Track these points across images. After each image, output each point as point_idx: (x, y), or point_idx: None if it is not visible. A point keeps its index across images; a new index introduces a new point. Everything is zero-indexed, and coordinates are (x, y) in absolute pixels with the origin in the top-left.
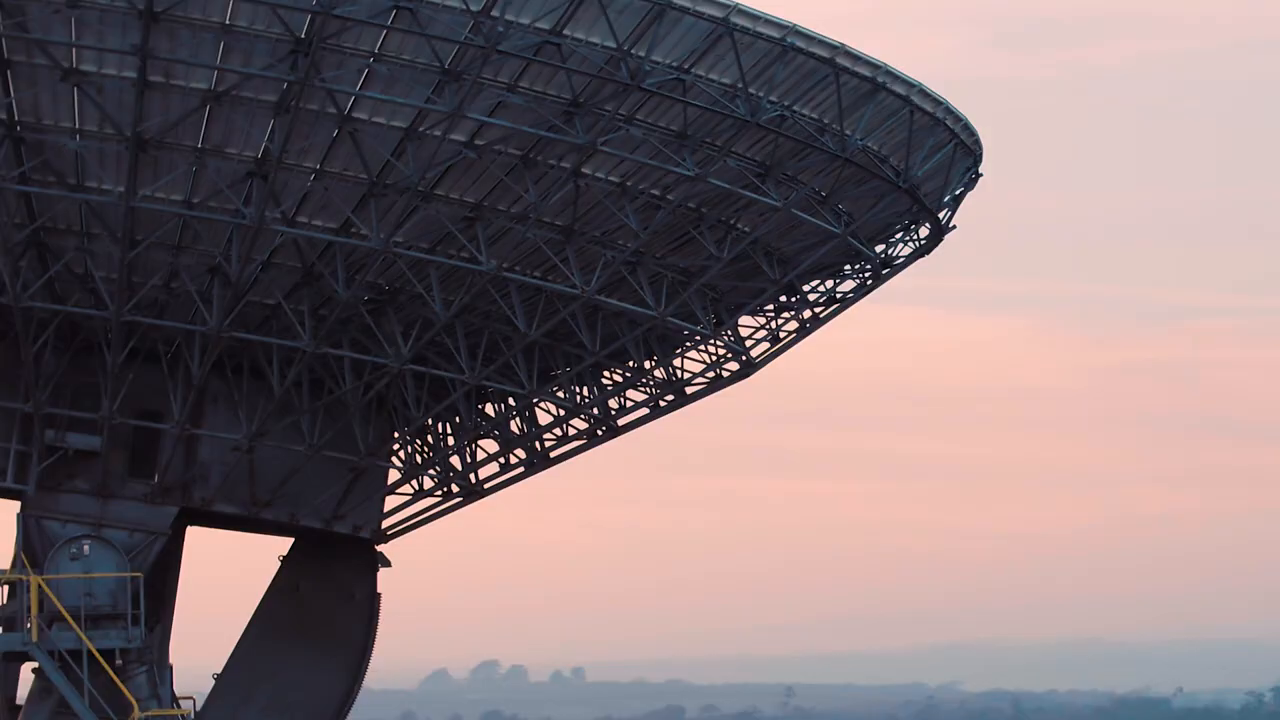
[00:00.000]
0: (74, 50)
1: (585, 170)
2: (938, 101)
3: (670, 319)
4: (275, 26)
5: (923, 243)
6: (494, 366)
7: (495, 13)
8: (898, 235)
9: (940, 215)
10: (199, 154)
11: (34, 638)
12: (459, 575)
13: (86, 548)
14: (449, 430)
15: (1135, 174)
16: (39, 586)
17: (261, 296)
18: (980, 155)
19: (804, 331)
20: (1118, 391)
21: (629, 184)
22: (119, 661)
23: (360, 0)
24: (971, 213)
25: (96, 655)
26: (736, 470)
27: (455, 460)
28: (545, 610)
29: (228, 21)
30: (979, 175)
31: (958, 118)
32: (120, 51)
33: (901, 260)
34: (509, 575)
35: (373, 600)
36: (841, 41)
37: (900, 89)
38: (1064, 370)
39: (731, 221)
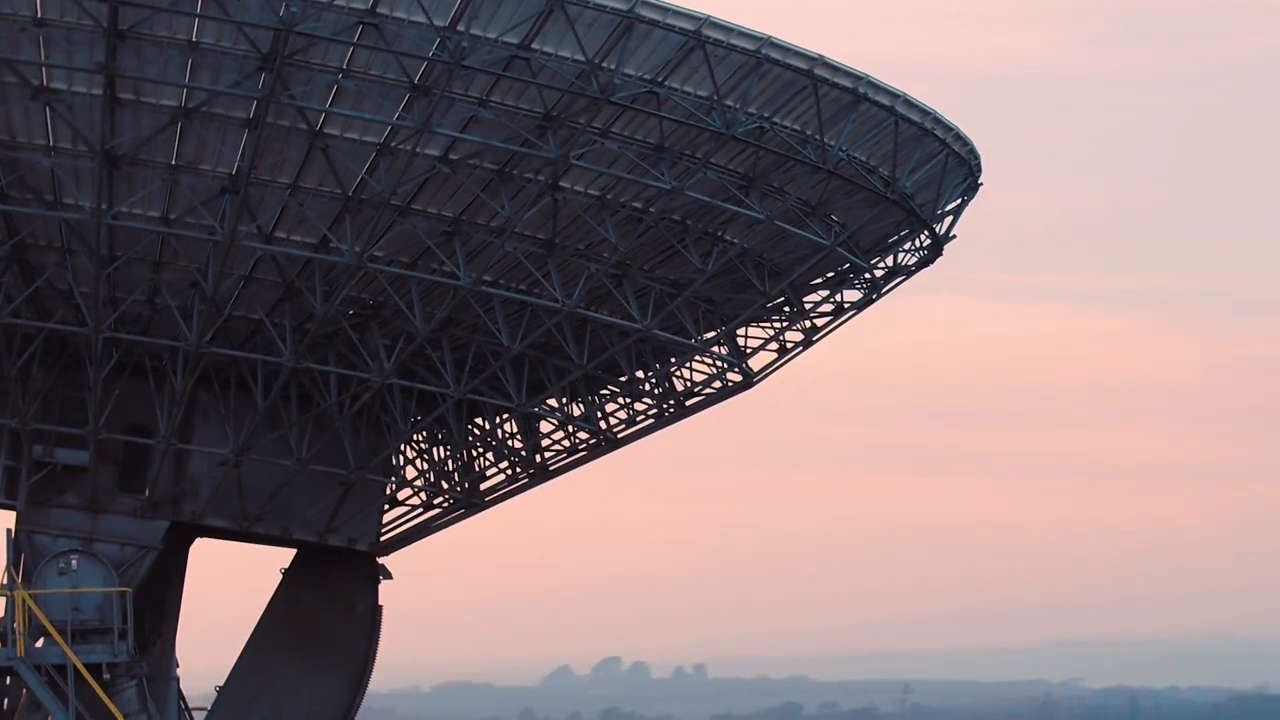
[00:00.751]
0: (43, 68)
1: (564, 184)
2: (925, 111)
3: (658, 331)
4: (242, 44)
5: (924, 253)
6: (479, 379)
7: (461, 27)
8: (899, 245)
9: (940, 225)
10: (172, 170)
11: (19, 652)
12: (584, 572)
13: (74, 562)
14: (441, 442)
15: (1248, 168)
16: (24, 601)
17: (245, 311)
18: (976, 164)
19: (808, 342)
20: (1241, 386)
21: (608, 197)
22: (106, 676)
23: (324, 16)
24: (1091, 209)
25: (82, 670)
26: (862, 466)
27: (453, 472)
28: (669, 606)
29: (194, 39)
30: (979, 184)
31: (948, 127)
32: (87, 70)
33: (904, 273)
34: (635, 572)
35: (374, 613)
36: (820, 53)
37: (884, 99)
38: (1187, 365)
39: (719, 233)
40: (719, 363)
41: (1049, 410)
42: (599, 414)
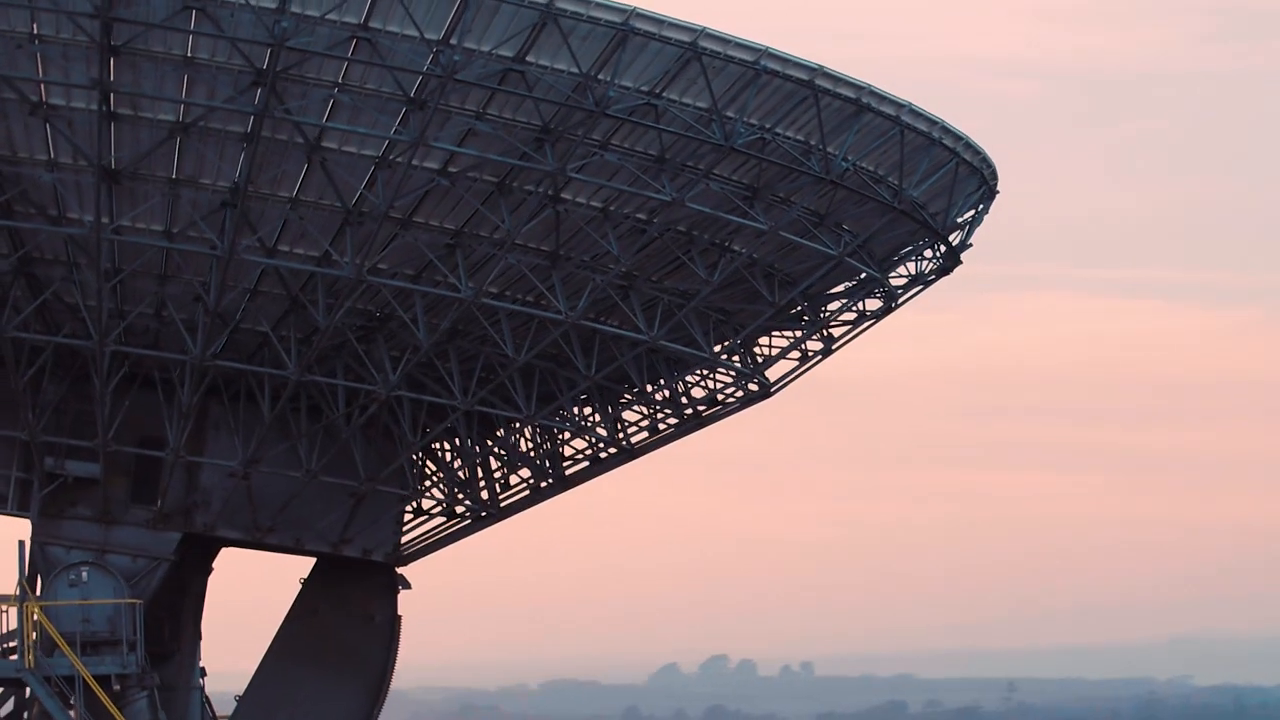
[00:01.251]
0: (42, 85)
1: (565, 196)
2: (932, 121)
3: (666, 343)
4: (237, 59)
5: (941, 262)
6: (486, 390)
7: (454, 41)
8: (915, 254)
9: (958, 234)
10: (173, 184)
11: (29, 664)
12: (693, 570)
13: (84, 574)
14: (457, 453)
15: None
16: (35, 613)
17: (253, 324)
18: (990, 172)
19: (827, 351)
20: None
21: (611, 209)
22: (116, 687)
23: (317, 31)
24: (1208, 207)
25: (90, 681)
26: (968, 464)
27: (470, 482)
28: (777, 604)
29: (189, 54)
30: (995, 192)
31: (956, 136)
32: (82, 86)
33: (921, 282)
34: (744, 569)
35: (393, 623)
36: (820, 63)
37: (888, 109)
38: None
39: (725, 244)
40: (732, 373)
41: (1156, 406)
42: (617, 424)
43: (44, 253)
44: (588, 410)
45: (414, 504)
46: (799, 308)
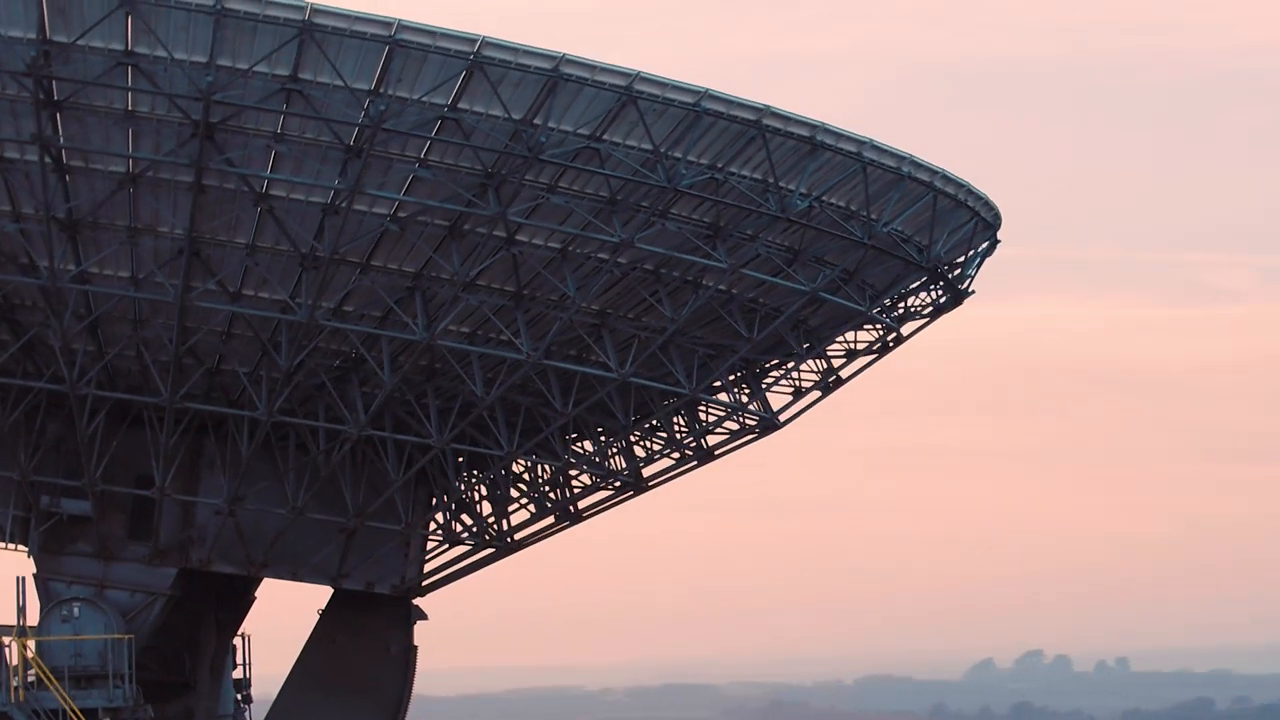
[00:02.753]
0: None
1: (521, 238)
2: (960, 185)
3: (639, 380)
4: (175, 112)
5: (942, 302)
6: (463, 424)
7: (383, 90)
8: (920, 289)
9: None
10: (132, 233)
11: (17, 698)
12: (1012, 565)
13: (76, 610)
14: (467, 487)
15: None
16: (24, 648)
17: (233, 365)
18: (984, 207)
19: (827, 388)
20: None
21: (570, 249)
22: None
23: (250, 84)
24: None
25: (77, 715)
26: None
27: (474, 515)
28: (1094, 599)
29: (130, 109)
30: (994, 226)
31: (979, 197)
32: (25, 141)
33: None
34: (1062, 565)
35: (408, 654)
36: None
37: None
38: None
39: (696, 280)
40: (726, 409)
41: None
42: (607, 457)
43: (23, 299)
44: (589, 445)
45: (416, 537)
46: (807, 344)
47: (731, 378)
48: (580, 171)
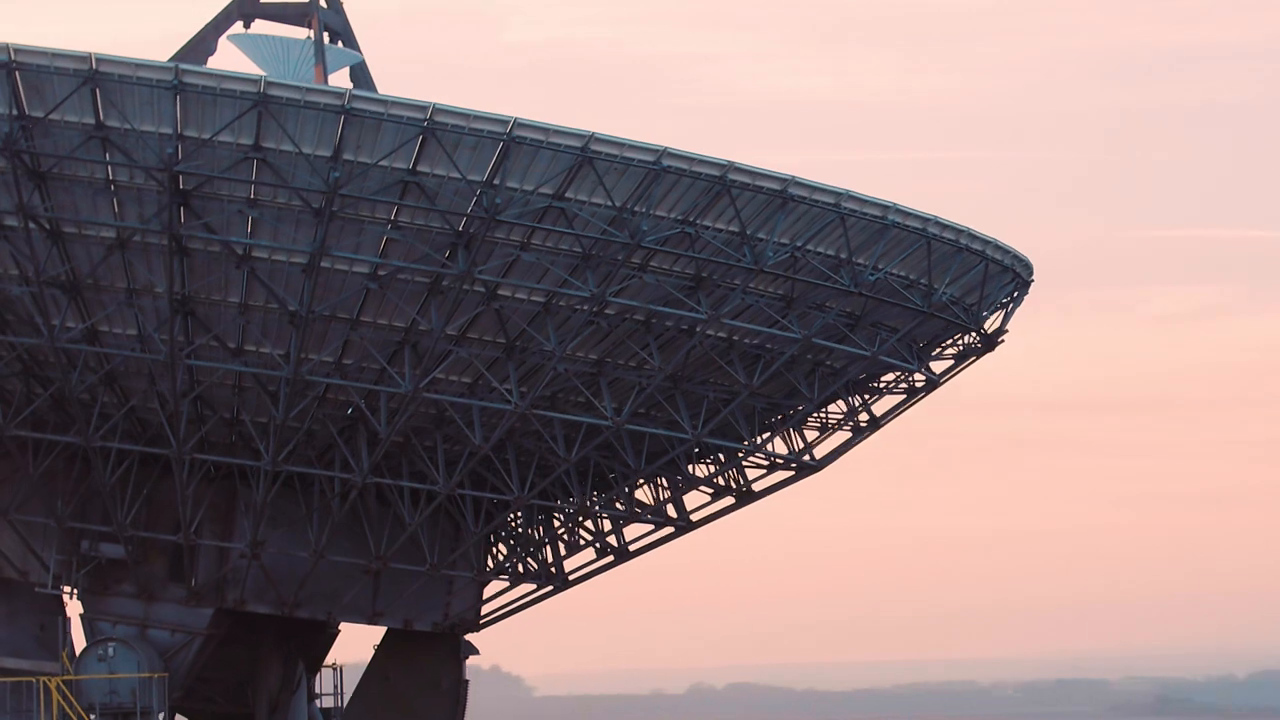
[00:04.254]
0: None
1: (504, 292)
2: (958, 230)
3: (628, 426)
4: (154, 181)
5: (979, 348)
6: (459, 476)
7: (348, 156)
8: (953, 342)
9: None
10: (130, 294)
11: None
12: None
13: (111, 650)
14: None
15: None
16: (58, 686)
17: (252, 415)
18: (1022, 266)
19: (860, 431)
20: None
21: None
22: None
23: (215, 152)
24: None
25: None
26: None
27: (523, 556)
28: None
29: (110, 178)
30: (1029, 282)
31: (984, 240)
32: (9, 211)
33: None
34: None
35: (458, 688)
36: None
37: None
38: None
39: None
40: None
41: None
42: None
43: (45, 356)
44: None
45: (459, 576)
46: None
47: (769, 422)
48: (553, 229)
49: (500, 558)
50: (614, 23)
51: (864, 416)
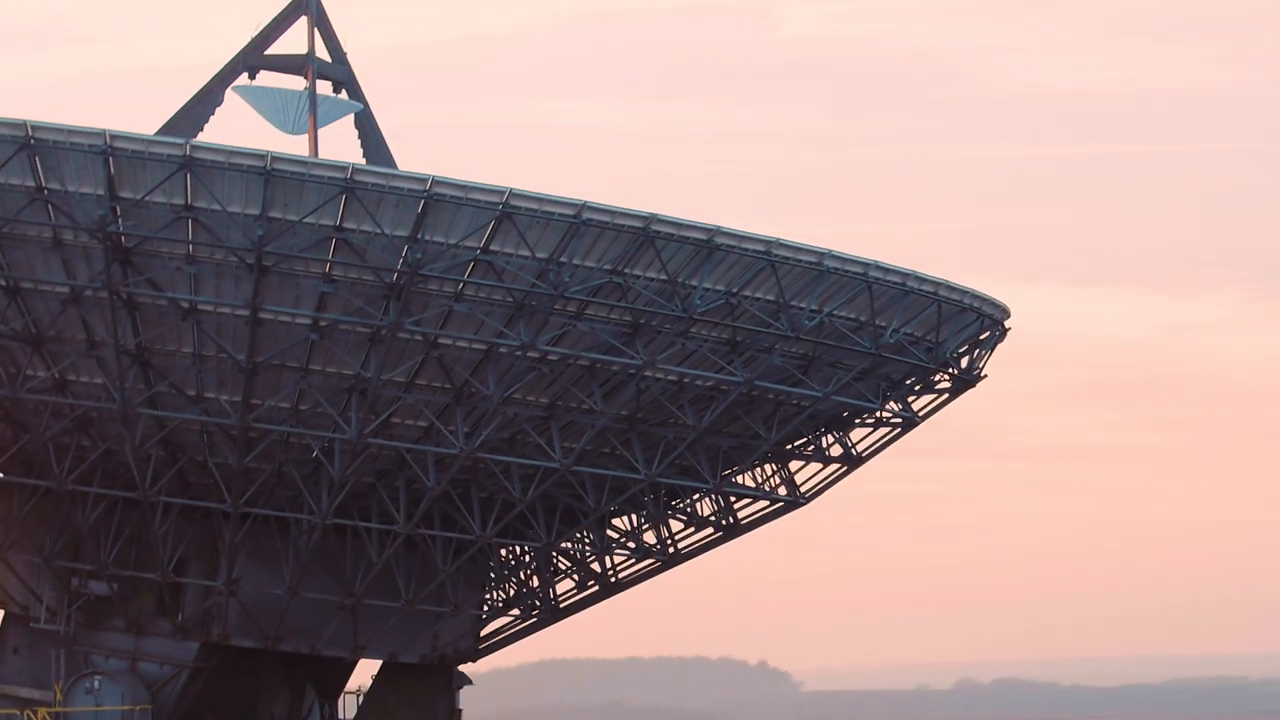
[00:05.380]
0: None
1: (445, 341)
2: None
3: (578, 468)
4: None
5: (951, 387)
6: (416, 517)
7: (275, 214)
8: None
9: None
10: (89, 345)
11: None
12: None
13: (98, 683)
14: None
15: None
16: (44, 718)
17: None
18: (989, 307)
19: (858, 462)
20: None
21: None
22: None
23: (150, 212)
24: None
25: None
26: None
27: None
28: None
29: (56, 238)
30: (997, 319)
31: (984, 299)
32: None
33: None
34: None
35: (451, 717)
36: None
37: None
38: None
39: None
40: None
41: None
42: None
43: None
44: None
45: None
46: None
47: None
48: (481, 282)
49: (491, 591)
50: (898, 16)
51: (841, 449)
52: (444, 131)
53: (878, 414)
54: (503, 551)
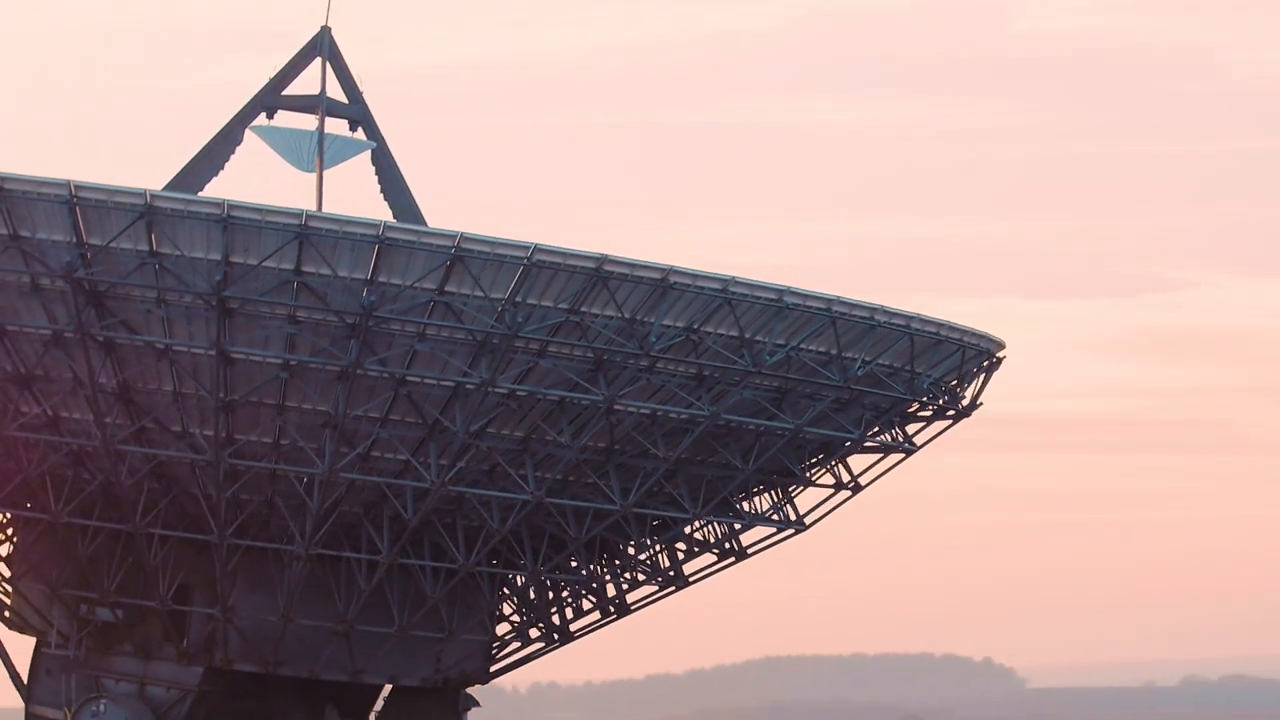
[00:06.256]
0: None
1: (413, 378)
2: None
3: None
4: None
5: (951, 415)
6: (398, 547)
7: (237, 259)
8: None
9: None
10: (75, 383)
11: None
12: None
13: (103, 706)
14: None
15: None
16: None
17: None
18: (992, 348)
19: (856, 488)
20: None
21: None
22: None
23: (116, 258)
24: None
25: None
26: None
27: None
28: None
29: (35, 282)
30: (1000, 360)
31: (962, 331)
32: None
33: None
34: None
35: None
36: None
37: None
38: None
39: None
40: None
41: None
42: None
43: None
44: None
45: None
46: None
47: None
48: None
49: (500, 616)
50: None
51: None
52: (693, 130)
53: (885, 438)
54: (518, 579)
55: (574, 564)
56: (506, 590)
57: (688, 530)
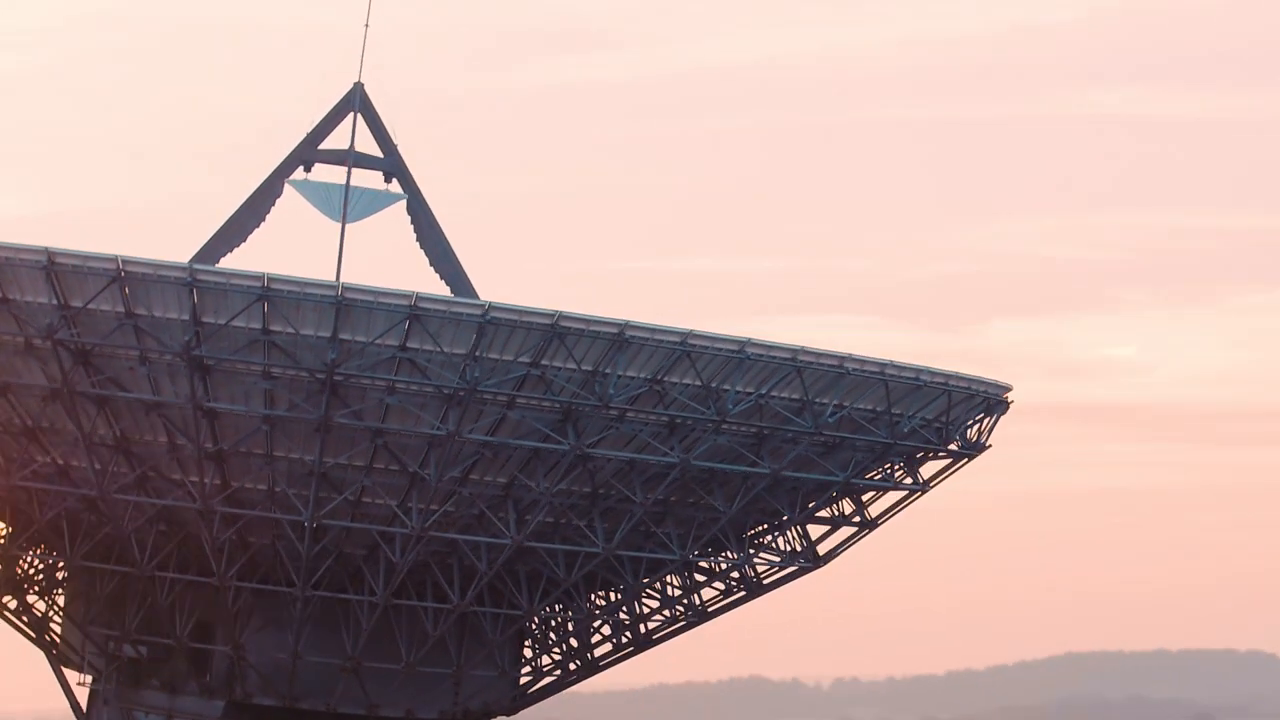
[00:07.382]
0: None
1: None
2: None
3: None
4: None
5: (961, 457)
6: (393, 585)
7: (208, 319)
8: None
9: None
10: (79, 438)
11: None
12: None
13: None
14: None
15: None
16: None
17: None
18: (986, 391)
19: (870, 524)
20: None
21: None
22: None
23: (94, 319)
24: None
25: None
26: None
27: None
28: None
29: (27, 343)
30: (1000, 396)
31: (986, 383)
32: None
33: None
34: None
35: None
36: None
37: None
38: None
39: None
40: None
41: None
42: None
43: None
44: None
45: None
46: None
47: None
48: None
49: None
50: None
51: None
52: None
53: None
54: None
55: (600, 598)
56: (538, 620)
57: (705, 564)
